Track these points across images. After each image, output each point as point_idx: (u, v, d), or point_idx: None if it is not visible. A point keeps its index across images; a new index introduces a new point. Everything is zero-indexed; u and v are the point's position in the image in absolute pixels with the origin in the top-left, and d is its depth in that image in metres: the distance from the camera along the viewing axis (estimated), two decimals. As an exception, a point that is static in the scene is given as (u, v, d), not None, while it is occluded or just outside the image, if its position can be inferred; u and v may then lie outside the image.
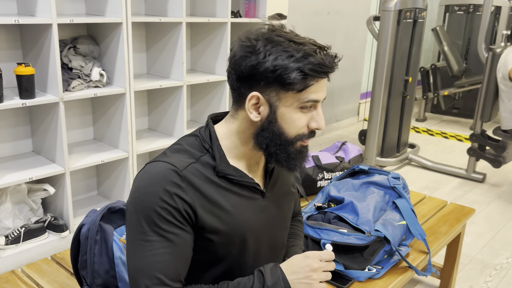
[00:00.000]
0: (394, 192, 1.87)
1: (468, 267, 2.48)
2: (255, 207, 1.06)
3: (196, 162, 0.98)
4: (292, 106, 0.96)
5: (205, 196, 0.96)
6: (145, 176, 0.95)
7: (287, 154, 0.98)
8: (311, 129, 0.99)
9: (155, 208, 0.91)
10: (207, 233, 0.97)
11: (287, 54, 0.92)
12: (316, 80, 0.94)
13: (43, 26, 2.21)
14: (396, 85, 3.83)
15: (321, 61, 0.93)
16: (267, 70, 0.92)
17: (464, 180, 3.75)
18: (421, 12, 3.82)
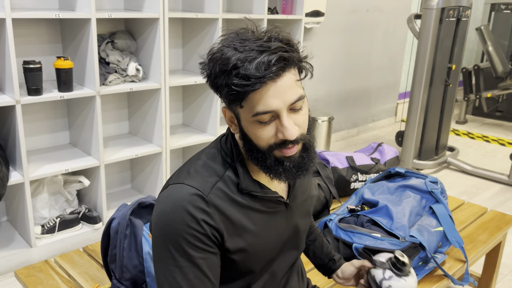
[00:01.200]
0: (431, 197, 1.80)
1: (508, 278, 2.37)
2: (278, 219, 1.03)
3: (219, 181, 0.95)
4: (248, 120, 0.89)
5: (230, 219, 0.94)
6: (170, 201, 0.92)
7: (266, 165, 0.92)
8: (278, 138, 0.89)
9: (183, 235, 0.89)
10: (232, 254, 0.96)
11: (220, 69, 0.85)
12: (254, 92, 0.85)
13: (82, 20, 2.25)
14: (436, 86, 3.71)
15: (250, 72, 0.83)
16: (214, 89, 0.90)
17: (506, 186, 3.59)
18: (465, 11, 3.68)
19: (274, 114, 0.88)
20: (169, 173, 2.72)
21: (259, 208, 0.99)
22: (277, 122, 0.88)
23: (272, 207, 1.01)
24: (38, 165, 2.31)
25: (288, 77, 0.87)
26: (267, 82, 0.84)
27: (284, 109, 0.87)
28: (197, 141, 2.81)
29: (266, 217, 1.00)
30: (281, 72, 0.86)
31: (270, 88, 0.85)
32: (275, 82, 0.85)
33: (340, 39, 4.24)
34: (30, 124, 2.47)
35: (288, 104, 0.87)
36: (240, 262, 0.98)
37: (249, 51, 0.84)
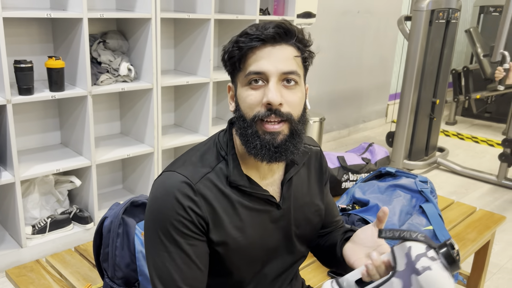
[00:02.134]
0: (421, 196, 1.83)
1: (496, 276, 2.40)
2: (267, 219, 1.03)
3: (211, 172, 0.97)
4: (243, 84, 0.94)
5: (216, 210, 0.95)
6: (161, 187, 0.95)
7: (246, 137, 0.94)
8: (263, 104, 0.91)
9: (171, 221, 0.92)
10: (216, 246, 0.97)
11: (231, 39, 0.95)
12: (253, 50, 0.92)
13: (74, 20, 2.24)
14: (426, 88, 3.74)
15: (251, 31, 0.92)
16: (222, 59, 0.98)
17: (495, 187, 3.64)
18: (454, 13, 3.72)
19: (265, 78, 0.92)
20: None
21: (247, 204, 0.99)
22: (266, 88, 0.92)
23: (261, 205, 1.01)
24: (29, 165, 2.30)
25: (287, 49, 0.93)
26: (265, 44, 0.91)
27: (275, 75, 0.91)
28: (189, 141, 2.81)
29: (253, 214, 1.00)
30: (280, 39, 0.92)
31: (265, 50, 0.92)
32: (272, 47, 0.92)
33: (332, 41, 4.27)
34: (21, 124, 2.46)
35: (280, 72, 0.91)
36: (224, 257, 0.98)
37: (257, 24, 0.94)
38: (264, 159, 0.94)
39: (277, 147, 0.93)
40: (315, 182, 1.15)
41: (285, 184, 1.05)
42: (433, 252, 0.85)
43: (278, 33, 0.92)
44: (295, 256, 1.13)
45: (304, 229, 1.12)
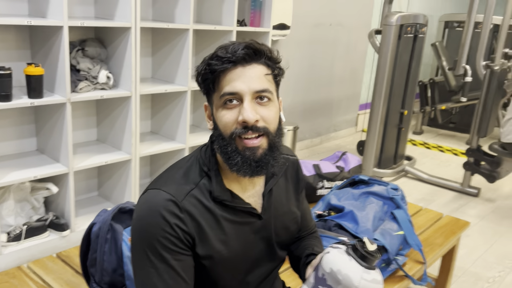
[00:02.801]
0: (392, 203, 1.92)
1: (461, 279, 2.53)
2: (249, 231, 1.08)
3: (195, 188, 1.01)
4: (218, 105, 0.99)
5: (201, 226, 0.99)
6: (146, 206, 0.99)
7: (227, 154, 0.98)
8: (238, 123, 0.96)
9: (158, 238, 0.95)
10: (202, 259, 1.01)
11: (203, 61, 1.01)
12: (225, 72, 0.96)
13: (53, 28, 2.25)
14: (395, 98, 3.89)
15: (222, 53, 0.97)
16: (197, 81, 1.03)
17: (459, 194, 3.81)
18: (421, 28, 3.90)
19: (239, 98, 0.96)
20: (138, 180, 2.73)
21: (230, 217, 1.04)
22: (240, 107, 0.97)
23: (244, 218, 1.06)
24: (4, 171, 2.28)
25: (257, 68, 0.98)
26: (236, 66, 0.96)
27: (248, 94, 0.96)
28: (166, 148, 2.84)
29: (236, 227, 1.05)
30: (250, 59, 0.97)
31: (237, 71, 0.96)
32: (243, 67, 0.96)
33: (305, 52, 4.38)
34: (-4, 130, 2.44)
35: (253, 90, 0.96)
36: (209, 269, 1.03)
37: (226, 45, 0.98)
38: (246, 174, 0.98)
39: (257, 161, 0.97)
40: (292, 190, 1.21)
41: (266, 195, 1.10)
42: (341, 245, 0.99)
43: (247, 54, 0.96)
44: (275, 262, 1.19)
45: (283, 236, 1.17)
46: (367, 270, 0.94)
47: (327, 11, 4.49)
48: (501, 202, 3.71)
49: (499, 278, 2.57)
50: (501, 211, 3.52)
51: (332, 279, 0.95)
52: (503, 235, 3.12)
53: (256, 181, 1.09)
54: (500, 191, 3.94)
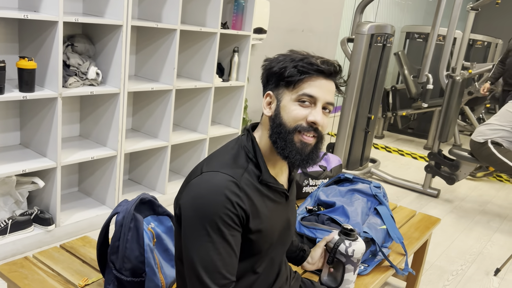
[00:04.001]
0: (375, 200, 2.08)
1: (428, 272, 2.73)
2: (281, 209, 1.24)
3: (245, 172, 1.14)
4: (291, 99, 1.13)
5: (254, 204, 1.13)
6: (207, 185, 1.08)
7: (285, 142, 1.13)
8: (308, 122, 1.12)
9: (220, 215, 1.05)
10: (251, 234, 1.13)
11: (291, 59, 1.15)
12: (311, 77, 1.12)
13: (47, 22, 2.26)
14: (363, 104, 4.10)
15: (315, 61, 1.12)
16: (275, 72, 1.15)
17: (420, 195, 4.06)
18: (389, 38, 4.13)
19: (313, 102, 1.13)
20: (122, 177, 2.76)
21: (272, 197, 1.19)
22: (311, 109, 1.13)
23: (278, 198, 1.22)
24: (-8, 165, 2.27)
25: (332, 84, 1.16)
26: (319, 76, 1.12)
27: (321, 101, 1.13)
28: (150, 145, 2.89)
29: (275, 206, 1.20)
30: (332, 75, 1.14)
31: (320, 81, 1.13)
32: (325, 80, 1.14)
33: (278, 55, 4.52)
34: (-19, 123, 2.41)
35: (325, 101, 1.14)
36: (255, 242, 1.15)
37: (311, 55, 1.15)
38: (295, 162, 1.14)
39: (307, 155, 1.15)
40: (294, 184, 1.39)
41: (291, 182, 1.29)
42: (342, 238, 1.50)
43: (334, 70, 1.14)
44: (290, 240, 1.35)
45: (294, 218, 1.36)
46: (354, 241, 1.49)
47: (300, 18, 4.65)
48: (459, 203, 4.00)
49: (461, 271, 2.80)
50: (459, 211, 3.80)
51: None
52: (462, 232, 3.38)
53: (284, 169, 1.26)
54: (458, 193, 4.24)
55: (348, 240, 1.49)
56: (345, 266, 1.50)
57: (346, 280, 1.52)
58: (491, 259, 3.00)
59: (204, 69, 3.17)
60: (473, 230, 3.45)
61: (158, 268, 1.38)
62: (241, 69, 3.39)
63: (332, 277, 1.54)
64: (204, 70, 3.18)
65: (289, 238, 1.32)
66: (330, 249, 1.50)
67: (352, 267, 1.50)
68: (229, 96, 3.50)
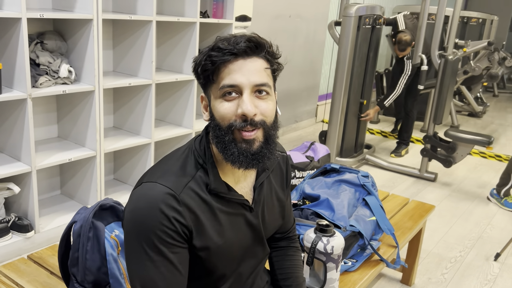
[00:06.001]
0: (363, 190, 1.97)
1: (426, 261, 2.64)
2: (242, 222, 1.09)
3: (191, 180, 1.00)
4: (216, 96, 0.98)
5: (199, 218, 0.99)
6: (143, 199, 0.97)
7: (224, 145, 0.97)
8: (238, 115, 0.96)
9: (155, 232, 0.94)
10: (198, 251, 1.01)
11: (203, 51, 0.98)
12: (225, 63, 0.95)
13: (11, 20, 2.15)
14: (354, 89, 3.98)
15: (223, 45, 0.95)
16: (195, 71, 1.01)
17: (417, 179, 3.96)
18: (378, 19, 4.00)
19: (238, 90, 0.96)
20: (103, 177, 2.66)
21: (225, 209, 1.04)
22: (239, 100, 0.96)
23: (237, 209, 1.07)
24: (-38, 172, 2.17)
25: (258, 61, 0.98)
26: (237, 58, 0.95)
27: (247, 87, 0.96)
28: (132, 144, 2.78)
29: (230, 218, 1.06)
30: (251, 52, 0.97)
31: (238, 64, 0.96)
32: (244, 60, 0.96)
33: (265, 43, 4.38)
34: (-50, 129, 2.30)
35: (253, 84, 0.96)
36: (205, 260, 1.03)
37: (228, 37, 0.97)
38: (241, 166, 0.98)
39: (254, 154, 0.98)
40: (280, 186, 1.23)
41: (257, 188, 1.12)
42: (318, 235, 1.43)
43: (249, 47, 0.96)
44: (264, 253, 1.21)
45: (271, 229, 1.21)
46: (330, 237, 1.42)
47: (286, 3, 4.51)
48: (457, 185, 3.89)
49: (460, 257, 2.70)
50: (457, 194, 3.69)
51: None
52: (461, 217, 3.27)
53: (248, 174, 1.10)
54: (456, 175, 4.13)
55: (326, 237, 1.39)
56: (326, 265, 1.40)
57: (329, 280, 1.42)
58: (491, 243, 2.90)
59: (186, 61, 3.05)
60: (472, 213, 3.35)
61: (124, 278, 1.28)
62: (224, 59, 3.26)
63: (314, 278, 1.44)
64: (185, 63, 3.06)
65: (261, 251, 1.18)
66: (307, 249, 1.40)
67: (334, 264, 1.41)
68: (214, 87, 3.38)
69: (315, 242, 1.39)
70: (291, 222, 1.36)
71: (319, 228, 1.41)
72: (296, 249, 1.36)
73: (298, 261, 1.35)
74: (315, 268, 1.43)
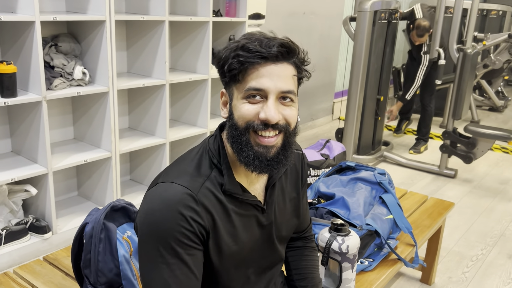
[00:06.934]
0: (380, 188, 1.93)
1: (446, 259, 2.58)
2: (254, 224, 1.07)
3: (207, 180, 0.99)
4: (240, 97, 0.96)
5: (214, 219, 0.97)
6: (160, 199, 0.94)
7: (240, 146, 0.96)
8: (260, 119, 0.94)
9: (173, 233, 0.92)
10: (211, 252, 0.99)
11: (231, 48, 0.95)
12: (254, 66, 0.93)
13: (25, 23, 2.16)
14: (371, 85, 3.92)
15: (254, 46, 0.92)
16: (219, 67, 0.98)
17: (437, 176, 3.88)
18: (394, 13, 3.93)
19: (264, 95, 0.94)
20: (119, 178, 2.67)
21: (238, 210, 1.02)
22: (263, 104, 0.94)
23: (249, 211, 1.05)
24: (-20, 175, 2.19)
25: (287, 67, 0.95)
26: (267, 62, 0.92)
27: (274, 92, 0.94)
28: (146, 144, 2.79)
29: (243, 220, 1.04)
30: (281, 57, 0.94)
31: (267, 68, 0.93)
32: (274, 65, 0.93)
33: (280, 41, 4.35)
34: (-32, 132, 2.34)
35: (279, 90, 0.94)
36: (216, 261, 1.01)
37: (257, 37, 0.94)
38: (255, 170, 0.97)
39: (270, 160, 0.96)
40: (294, 185, 1.20)
41: (269, 189, 1.09)
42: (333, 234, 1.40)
43: (281, 52, 0.94)
44: (275, 257, 1.18)
45: (283, 231, 1.17)
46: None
47: (300, 0, 4.47)
48: (478, 182, 3.80)
49: (482, 256, 2.64)
50: (478, 191, 3.61)
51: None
52: (482, 214, 3.20)
53: (260, 176, 1.07)
54: (476, 172, 4.04)
55: (340, 236, 1.36)
56: (341, 265, 1.37)
57: (345, 280, 1.39)
58: (514, 241, 2.83)
59: (199, 61, 3.04)
60: (494, 210, 3.27)
61: (137, 279, 1.27)
62: (238, 58, 3.25)
63: (329, 278, 1.41)
64: (199, 62, 3.05)
65: (272, 255, 1.16)
66: (322, 249, 1.37)
67: (349, 264, 1.38)
68: (229, 86, 3.37)
69: (329, 241, 1.36)
70: (307, 222, 1.33)
71: (333, 228, 1.39)
72: (312, 249, 1.34)
73: (314, 262, 1.32)
74: (330, 268, 1.40)
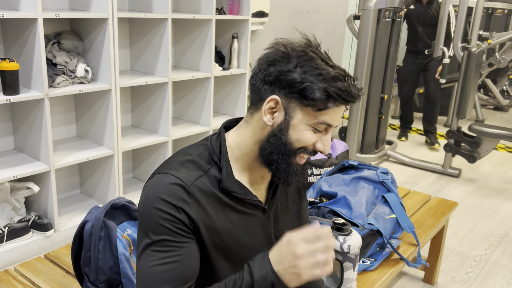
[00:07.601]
0: (383, 187, 1.92)
1: (449, 259, 2.56)
2: (254, 223, 1.07)
3: (204, 175, 0.99)
4: (306, 121, 0.96)
5: (208, 213, 0.98)
6: (154, 188, 0.96)
7: (287, 164, 0.99)
8: (316, 149, 0.99)
9: (161, 220, 0.93)
10: (205, 246, 0.99)
11: (318, 71, 0.94)
12: (337, 105, 0.96)
13: (27, 20, 2.16)
14: (375, 84, 3.90)
15: (348, 88, 0.94)
16: (295, 80, 0.94)
17: (441, 175, 3.86)
18: (398, 12, 3.91)
19: (326, 128, 0.99)
20: (121, 176, 2.67)
21: (237, 207, 1.02)
22: (322, 135, 0.99)
23: (249, 209, 1.05)
24: (-18, 172, 2.20)
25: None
26: (346, 103, 0.97)
27: (333, 127, 1.00)
28: (149, 142, 2.78)
29: (242, 218, 1.03)
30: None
31: (343, 108, 0.98)
32: (345, 107, 0.99)
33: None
34: (-29, 129, 2.34)
35: (336, 125, 1.01)
36: (211, 256, 1.01)
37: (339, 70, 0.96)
38: (284, 182, 1.02)
39: (301, 172, 1.05)
40: (297, 187, 1.19)
41: (272, 189, 1.09)
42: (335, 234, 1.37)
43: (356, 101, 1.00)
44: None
45: (284, 232, 1.15)
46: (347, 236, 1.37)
47: (304, -2, 4.46)
48: (481, 182, 3.78)
49: (485, 256, 2.62)
50: (482, 191, 3.59)
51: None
52: (486, 213, 3.18)
53: (265, 175, 1.08)
54: (481, 171, 4.02)
55: (342, 236, 1.35)
56: (343, 265, 1.36)
57: (346, 279, 1.38)
58: (518, 241, 2.81)
59: (202, 59, 3.04)
60: (498, 210, 3.25)
61: (137, 277, 1.27)
62: (241, 56, 3.24)
63: (331, 278, 1.41)
64: (202, 60, 3.04)
65: None
66: None
67: (351, 264, 1.37)
68: (232, 85, 3.36)
69: None
70: (307, 224, 1.33)
71: (335, 227, 1.38)
72: None
73: None
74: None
